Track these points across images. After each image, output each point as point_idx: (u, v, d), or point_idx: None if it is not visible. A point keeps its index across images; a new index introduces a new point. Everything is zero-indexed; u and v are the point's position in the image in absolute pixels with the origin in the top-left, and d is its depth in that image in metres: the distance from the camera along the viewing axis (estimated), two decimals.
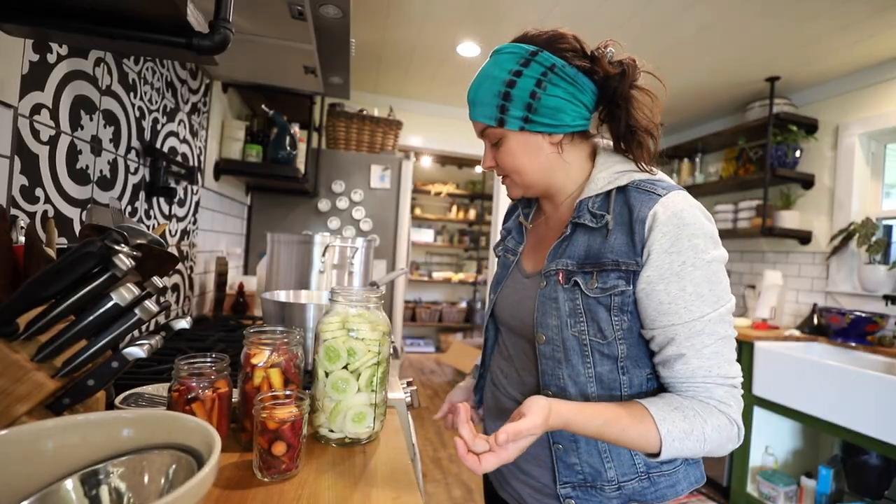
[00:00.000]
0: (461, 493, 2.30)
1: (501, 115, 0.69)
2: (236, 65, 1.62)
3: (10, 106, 0.73)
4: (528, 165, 0.72)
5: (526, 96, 0.68)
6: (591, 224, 0.69)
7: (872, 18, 1.99)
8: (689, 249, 0.62)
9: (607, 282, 0.65)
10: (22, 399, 0.49)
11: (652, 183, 0.67)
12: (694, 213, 0.63)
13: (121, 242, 0.51)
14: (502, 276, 0.84)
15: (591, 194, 0.70)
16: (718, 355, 0.62)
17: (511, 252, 0.84)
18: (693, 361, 0.62)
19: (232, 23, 0.65)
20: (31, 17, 0.62)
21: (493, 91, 0.69)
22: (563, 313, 0.68)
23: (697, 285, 0.62)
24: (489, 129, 0.72)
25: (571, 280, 0.68)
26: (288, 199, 2.68)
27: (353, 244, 1.61)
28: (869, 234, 2.33)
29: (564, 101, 0.68)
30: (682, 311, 0.62)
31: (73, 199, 0.91)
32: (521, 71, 0.68)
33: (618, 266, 0.65)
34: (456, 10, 2.20)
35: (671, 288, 0.63)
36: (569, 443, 0.70)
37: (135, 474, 0.44)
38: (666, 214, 0.62)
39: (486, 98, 0.70)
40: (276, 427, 0.59)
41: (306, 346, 0.98)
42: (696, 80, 2.74)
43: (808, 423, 2.00)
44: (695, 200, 0.66)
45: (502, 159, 0.73)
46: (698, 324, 0.62)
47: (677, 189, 0.66)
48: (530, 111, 0.68)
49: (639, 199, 0.65)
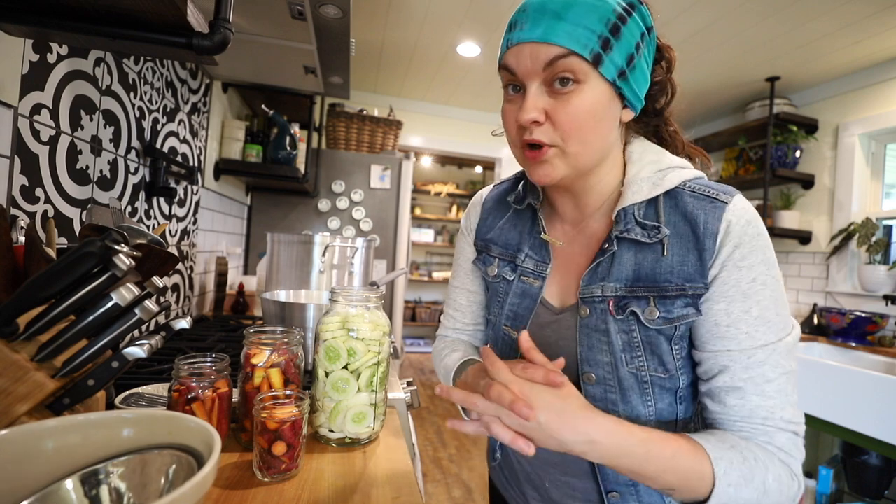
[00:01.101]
0: (461, 493, 2.30)
1: (602, 49, 0.50)
2: (236, 65, 1.62)
3: (11, 106, 0.73)
4: (600, 132, 0.54)
5: (632, 44, 0.52)
6: (642, 239, 0.56)
7: (872, 18, 1.99)
8: (762, 264, 0.52)
9: (672, 311, 0.54)
10: (22, 399, 0.49)
11: (708, 186, 0.56)
12: (761, 223, 0.54)
13: (121, 242, 0.51)
14: (523, 307, 0.65)
15: (637, 200, 0.57)
16: (782, 394, 0.51)
17: (533, 275, 0.65)
18: (752, 398, 0.51)
19: (232, 23, 0.65)
20: (31, 16, 0.62)
21: (602, 14, 0.50)
22: (616, 348, 0.56)
23: (764, 308, 0.51)
24: (568, 58, 0.50)
25: (627, 309, 0.56)
26: (288, 199, 2.68)
27: (353, 244, 1.61)
28: (869, 234, 2.33)
29: (647, 76, 0.56)
30: (743, 336, 0.52)
31: (73, 199, 0.91)
32: (630, 11, 0.52)
33: (684, 291, 0.53)
34: (456, 10, 2.20)
35: (733, 308, 0.52)
36: (626, 488, 0.59)
37: (135, 474, 0.44)
38: (740, 224, 0.52)
39: (586, 17, 0.50)
40: (276, 427, 0.59)
41: (306, 346, 0.98)
42: (696, 80, 2.74)
43: (808, 423, 2.00)
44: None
45: (570, 113, 0.51)
46: (760, 353, 0.51)
47: (736, 192, 0.55)
48: (629, 66, 0.52)
49: (700, 207, 0.54)
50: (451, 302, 0.80)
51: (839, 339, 2.27)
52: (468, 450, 2.82)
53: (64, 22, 0.62)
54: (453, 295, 0.80)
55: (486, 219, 0.74)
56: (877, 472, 1.88)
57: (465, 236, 0.78)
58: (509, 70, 0.54)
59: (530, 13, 0.51)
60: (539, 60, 0.51)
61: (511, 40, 0.53)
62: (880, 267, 2.29)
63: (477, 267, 0.73)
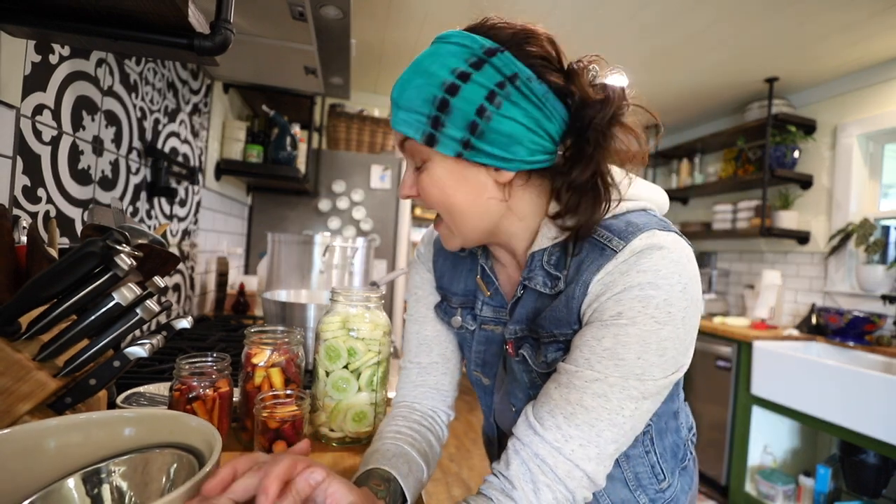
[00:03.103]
0: (461, 493, 2.30)
1: (433, 129, 0.50)
2: (237, 65, 1.62)
3: (13, 106, 0.73)
4: (464, 205, 0.53)
5: (471, 112, 0.49)
6: (542, 290, 0.54)
7: (871, 20, 1.99)
8: (639, 304, 0.46)
9: (548, 355, 0.54)
10: (24, 398, 0.49)
11: (609, 229, 0.50)
12: (672, 273, 0.46)
13: (122, 242, 0.51)
14: (490, 354, 0.65)
15: (543, 245, 0.54)
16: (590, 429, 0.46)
17: (494, 322, 0.63)
18: (558, 417, 0.47)
19: (233, 24, 0.65)
20: (33, 18, 0.62)
21: (427, 94, 0.50)
22: (524, 385, 0.58)
23: (622, 343, 0.46)
24: (409, 142, 0.53)
25: (519, 351, 0.57)
26: (288, 199, 2.68)
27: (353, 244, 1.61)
28: (867, 234, 2.34)
29: (522, 128, 0.49)
30: (582, 360, 0.48)
31: (75, 200, 0.92)
32: (468, 74, 0.49)
33: (555, 338, 0.53)
34: (456, 10, 2.20)
35: (587, 332, 0.48)
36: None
37: (136, 473, 0.44)
38: (625, 275, 0.47)
39: (413, 101, 0.50)
40: (276, 426, 0.59)
41: (307, 346, 0.98)
42: (695, 81, 2.75)
43: (807, 422, 2.01)
44: (679, 244, 0.49)
45: (427, 190, 0.54)
46: (592, 383, 0.47)
47: (643, 232, 0.48)
48: (474, 133, 0.49)
49: (592, 256, 0.50)
50: (412, 337, 0.71)
51: (837, 339, 2.27)
52: (468, 449, 2.82)
53: (66, 23, 0.63)
54: (414, 328, 0.71)
55: (437, 260, 0.70)
56: (874, 471, 1.89)
57: (421, 266, 0.73)
58: None
59: (391, 98, 0.54)
60: (397, 142, 0.55)
61: None
62: (878, 267, 2.29)
63: (439, 316, 0.70)
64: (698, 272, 0.49)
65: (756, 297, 2.74)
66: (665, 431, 0.62)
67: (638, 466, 0.60)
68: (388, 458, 0.55)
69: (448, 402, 0.70)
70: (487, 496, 0.47)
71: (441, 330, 0.70)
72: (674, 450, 0.64)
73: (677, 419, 0.65)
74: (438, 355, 0.70)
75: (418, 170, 0.55)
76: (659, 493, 0.61)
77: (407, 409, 0.67)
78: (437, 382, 0.69)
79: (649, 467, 0.60)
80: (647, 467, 0.60)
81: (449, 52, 0.50)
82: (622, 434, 0.47)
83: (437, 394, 0.69)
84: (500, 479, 0.48)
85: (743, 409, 2.30)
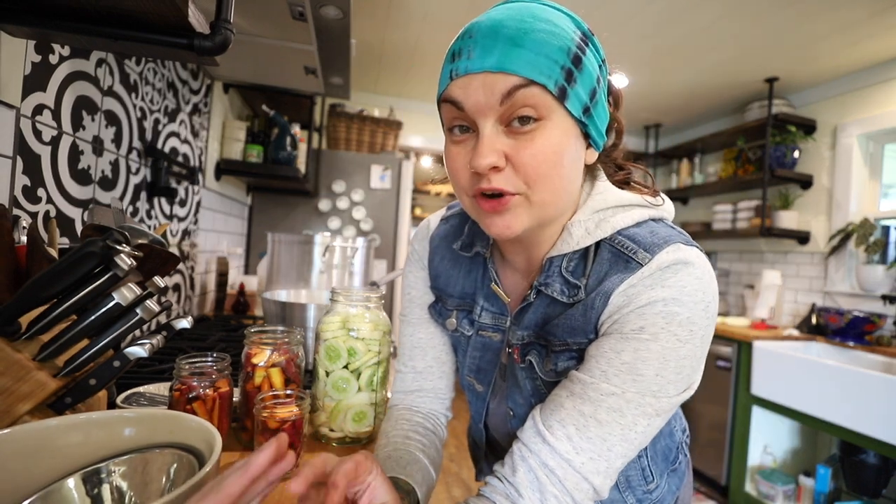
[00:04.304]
0: (461, 493, 2.30)
1: (566, 83, 0.43)
2: (237, 65, 1.62)
3: (13, 106, 0.73)
4: (568, 178, 0.47)
5: (593, 77, 0.45)
6: (560, 297, 0.51)
7: (871, 20, 1.99)
8: (662, 319, 0.44)
9: (558, 363, 0.52)
10: (24, 398, 0.49)
11: (635, 239, 0.47)
12: (695, 288, 0.44)
13: (122, 242, 0.51)
14: (485, 361, 0.62)
15: (565, 251, 0.51)
16: (602, 442, 0.45)
17: (492, 329, 0.60)
18: (568, 427, 0.46)
19: (233, 24, 0.65)
20: (33, 18, 0.62)
21: (561, 43, 0.43)
22: (526, 393, 0.57)
23: (642, 359, 0.44)
24: (530, 89, 0.42)
25: (526, 357, 0.55)
26: (288, 199, 2.68)
27: (353, 244, 1.61)
28: (867, 234, 2.34)
29: (607, 111, 0.49)
30: (598, 372, 0.46)
31: (75, 200, 0.92)
32: (586, 44, 0.45)
33: (568, 347, 0.51)
34: (456, 10, 2.20)
35: (604, 343, 0.46)
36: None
37: (136, 473, 0.44)
38: (648, 290, 0.45)
39: (545, 46, 0.42)
40: (276, 426, 0.59)
41: (307, 346, 0.98)
42: (695, 81, 2.75)
43: (807, 422, 2.01)
44: (703, 261, 0.46)
45: (535, 155, 0.44)
46: (608, 396, 0.45)
47: (669, 245, 0.46)
48: (592, 101, 0.46)
49: (615, 268, 0.47)
50: (407, 340, 0.69)
51: (837, 339, 2.27)
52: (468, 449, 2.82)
53: (66, 23, 0.63)
54: (408, 331, 0.68)
55: (434, 259, 0.66)
56: (874, 471, 1.89)
57: (415, 264, 0.70)
58: (456, 105, 0.45)
59: (479, 39, 0.43)
60: (495, 93, 0.42)
61: (456, 70, 0.44)
62: (878, 267, 2.29)
63: (433, 317, 0.67)
64: (717, 290, 0.48)
65: (756, 297, 2.74)
66: (658, 436, 0.62)
67: (629, 470, 0.60)
68: (404, 467, 0.53)
69: (446, 405, 0.70)
70: (491, 500, 0.46)
71: (435, 333, 0.68)
72: (665, 453, 0.64)
73: (670, 424, 0.65)
74: (433, 359, 0.68)
75: (513, 128, 0.44)
76: (646, 493, 0.62)
77: (408, 411, 0.66)
78: (433, 387, 0.68)
79: (640, 470, 0.61)
80: (637, 471, 0.60)
81: (563, 18, 0.45)
82: (632, 449, 0.46)
83: (434, 397, 0.68)
84: (505, 483, 0.47)
85: (743, 409, 2.30)
